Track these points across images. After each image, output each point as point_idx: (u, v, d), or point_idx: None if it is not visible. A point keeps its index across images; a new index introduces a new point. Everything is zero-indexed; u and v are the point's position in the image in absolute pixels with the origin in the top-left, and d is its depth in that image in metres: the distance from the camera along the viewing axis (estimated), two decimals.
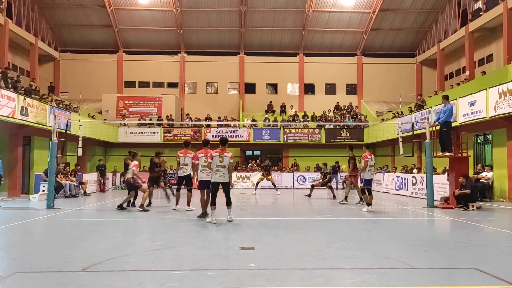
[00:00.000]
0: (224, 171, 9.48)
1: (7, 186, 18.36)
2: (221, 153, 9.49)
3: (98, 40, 32.37)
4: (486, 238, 7.87)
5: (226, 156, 9.50)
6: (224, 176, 9.51)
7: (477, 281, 4.74)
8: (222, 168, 9.46)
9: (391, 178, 21.04)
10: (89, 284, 4.62)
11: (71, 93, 30.60)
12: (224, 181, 9.53)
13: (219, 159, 9.45)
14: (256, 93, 32.89)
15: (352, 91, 33.15)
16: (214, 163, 9.48)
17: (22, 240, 7.75)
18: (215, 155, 9.52)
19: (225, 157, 9.49)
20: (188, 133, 26.87)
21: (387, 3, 29.35)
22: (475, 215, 11.16)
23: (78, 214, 11.88)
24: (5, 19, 23.26)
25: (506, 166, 15.85)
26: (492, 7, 22.61)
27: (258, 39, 32.72)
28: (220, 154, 9.48)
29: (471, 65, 24.87)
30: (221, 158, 9.45)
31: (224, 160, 9.46)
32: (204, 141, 10.94)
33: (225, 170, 9.49)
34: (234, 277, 4.89)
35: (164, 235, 8.06)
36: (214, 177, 9.51)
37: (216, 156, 9.49)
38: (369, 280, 4.79)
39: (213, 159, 9.52)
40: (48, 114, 18.40)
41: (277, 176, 25.41)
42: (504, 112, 14.46)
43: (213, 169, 9.53)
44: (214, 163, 9.49)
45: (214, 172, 9.51)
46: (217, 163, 9.45)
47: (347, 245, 6.80)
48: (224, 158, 9.46)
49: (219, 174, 9.47)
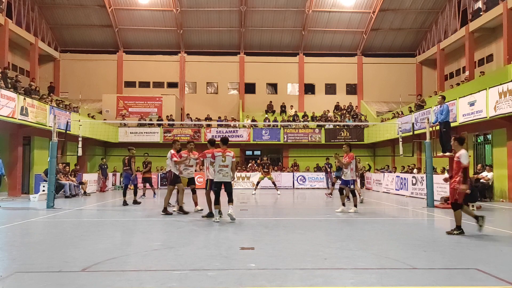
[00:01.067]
0: (227, 170, 9.61)
1: (7, 186, 18.37)
2: (223, 153, 9.62)
3: (98, 40, 32.37)
4: (486, 238, 7.87)
5: (228, 155, 9.63)
6: (227, 176, 9.63)
7: (477, 281, 4.74)
8: (225, 168, 9.60)
9: (391, 178, 21.03)
10: (89, 284, 4.62)
11: (71, 93, 30.60)
12: (227, 181, 9.65)
13: (222, 158, 9.57)
14: (256, 93, 32.89)
15: (352, 91, 33.15)
16: (217, 162, 9.58)
17: (22, 240, 7.75)
18: (217, 155, 9.61)
19: (228, 156, 9.62)
20: (188, 133, 26.88)
21: (387, 3, 29.35)
22: None
23: (78, 214, 11.88)
24: (5, 19, 23.27)
25: (506, 166, 15.85)
26: (492, 7, 22.61)
27: (258, 39, 32.73)
28: (222, 153, 9.60)
29: (471, 65, 24.87)
30: (223, 158, 9.58)
31: (226, 159, 9.59)
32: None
33: (228, 170, 9.63)
34: (234, 277, 4.89)
35: (164, 235, 8.06)
36: (218, 177, 9.63)
37: (219, 156, 9.59)
38: (369, 280, 4.78)
39: (215, 159, 9.60)
40: (48, 114, 18.40)
41: (277, 176, 25.40)
42: (504, 112, 14.46)
43: (215, 169, 9.63)
44: (216, 162, 9.59)
45: (217, 171, 9.61)
46: (219, 163, 9.56)
47: (347, 245, 6.79)
48: (226, 157, 9.60)
49: (222, 173, 9.60)
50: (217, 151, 9.73)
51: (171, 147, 11.82)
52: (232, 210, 9.58)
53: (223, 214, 9.76)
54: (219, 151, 9.67)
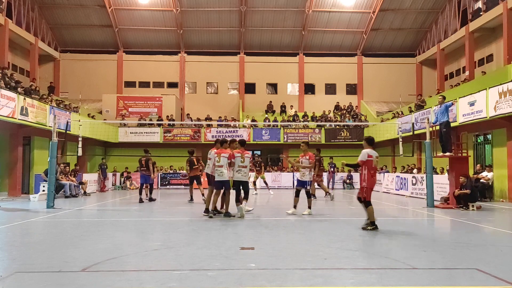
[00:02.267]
0: (245, 171, 10.45)
1: (7, 186, 18.38)
2: (242, 154, 10.43)
3: (98, 40, 32.37)
4: (486, 238, 7.87)
5: (246, 156, 10.48)
6: (245, 175, 10.46)
7: (477, 281, 4.74)
8: (244, 168, 10.41)
9: (391, 178, 21.04)
10: (89, 284, 4.62)
11: (71, 93, 30.60)
12: (245, 180, 10.47)
13: (241, 159, 10.36)
14: (256, 93, 32.89)
15: (352, 91, 33.16)
16: (236, 163, 10.34)
17: (22, 240, 7.75)
18: (237, 156, 10.38)
19: (246, 157, 10.45)
20: (188, 133, 26.89)
21: (387, 3, 29.35)
22: (475, 215, 11.17)
23: (78, 214, 11.87)
24: (5, 19, 23.27)
25: (506, 166, 15.84)
26: (492, 7, 22.61)
27: (258, 39, 32.73)
28: (241, 155, 10.41)
29: (471, 65, 24.88)
30: (242, 159, 10.38)
31: (245, 160, 10.41)
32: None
33: (246, 170, 10.46)
34: (234, 277, 4.89)
35: (164, 235, 8.06)
36: (236, 176, 10.39)
37: (238, 157, 10.37)
38: (369, 280, 4.78)
39: (235, 159, 10.35)
40: (48, 114, 18.40)
41: (277, 176, 25.44)
42: (504, 112, 14.46)
43: (234, 169, 10.37)
44: (236, 163, 10.34)
45: (235, 171, 10.36)
46: (238, 163, 10.34)
47: (347, 245, 6.79)
48: (245, 158, 10.42)
49: (241, 173, 10.38)
50: (236, 152, 10.46)
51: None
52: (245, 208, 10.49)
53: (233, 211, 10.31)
54: (238, 152, 10.42)
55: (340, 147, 27.17)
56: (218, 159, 10.30)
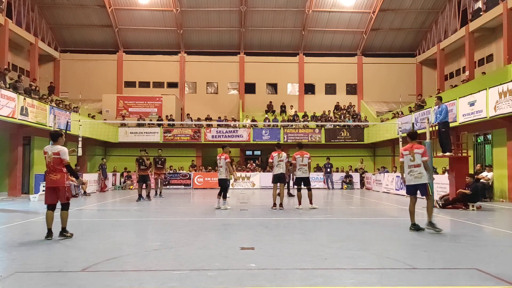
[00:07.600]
0: (306, 168, 12.47)
1: (7, 186, 18.38)
2: (301, 155, 12.51)
3: (98, 40, 32.38)
4: (486, 238, 7.87)
5: (305, 156, 12.48)
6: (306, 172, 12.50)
7: (477, 281, 4.74)
8: (304, 166, 12.42)
9: (391, 178, 21.01)
10: (89, 284, 4.61)
11: (71, 93, 30.61)
12: (306, 176, 12.51)
13: (301, 159, 12.49)
14: (256, 93, 32.90)
15: (352, 91, 33.16)
16: (298, 162, 12.49)
17: (22, 240, 7.74)
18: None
19: (305, 157, 12.47)
20: (188, 133, 26.88)
21: (387, 3, 29.36)
22: (475, 215, 11.16)
23: (78, 214, 11.86)
24: (5, 19, 23.27)
25: (506, 166, 15.84)
26: (492, 7, 22.62)
27: (258, 39, 32.73)
28: (301, 155, 12.52)
29: (471, 65, 24.88)
30: (301, 158, 12.46)
31: (304, 160, 12.46)
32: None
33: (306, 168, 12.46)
34: (234, 277, 4.88)
35: (164, 235, 8.05)
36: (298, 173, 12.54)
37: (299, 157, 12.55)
38: (369, 280, 4.78)
39: (296, 160, 12.54)
40: (48, 114, 18.40)
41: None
42: (504, 112, 14.45)
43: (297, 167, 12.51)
44: (297, 162, 12.50)
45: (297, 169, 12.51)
46: (300, 162, 12.47)
47: (347, 245, 6.79)
48: (304, 158, 12.46)
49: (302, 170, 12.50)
50: (296, 154, 12.55)
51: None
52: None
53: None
54: (297, 154, 12.52)
55: (340, 147, 27.18)
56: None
